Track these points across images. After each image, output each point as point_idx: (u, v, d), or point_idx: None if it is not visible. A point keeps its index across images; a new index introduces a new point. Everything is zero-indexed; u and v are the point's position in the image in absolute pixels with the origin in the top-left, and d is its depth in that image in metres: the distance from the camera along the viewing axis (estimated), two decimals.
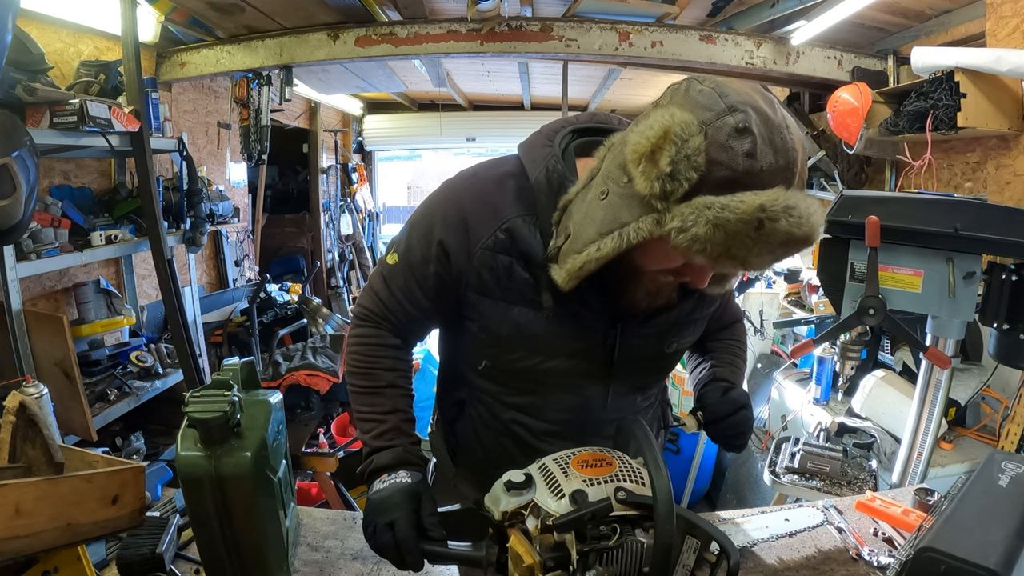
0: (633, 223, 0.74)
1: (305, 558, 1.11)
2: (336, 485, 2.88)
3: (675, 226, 0.69)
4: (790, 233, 0.66)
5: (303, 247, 5.97)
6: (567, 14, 3.20)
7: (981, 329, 2.18)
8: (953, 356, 1.52)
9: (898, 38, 3.18)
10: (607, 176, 0.79)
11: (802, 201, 0.67)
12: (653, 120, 0.71)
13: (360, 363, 1.02)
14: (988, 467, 0.95)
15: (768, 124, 0.68)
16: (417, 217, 0.99)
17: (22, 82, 2.01)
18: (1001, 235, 1.37)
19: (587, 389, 1.01)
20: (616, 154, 0.79)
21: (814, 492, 1.83)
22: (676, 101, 0.72)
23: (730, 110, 0.68)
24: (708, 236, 0.67)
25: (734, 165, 0.67)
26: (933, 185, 2.75)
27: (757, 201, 0.65)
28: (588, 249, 0.79)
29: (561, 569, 0.75)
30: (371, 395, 1.00)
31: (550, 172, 0.89)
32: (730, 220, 0.66)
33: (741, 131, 0.67)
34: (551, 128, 0.96)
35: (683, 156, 0.68)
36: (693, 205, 0.68)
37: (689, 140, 0.67)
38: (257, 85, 3.55)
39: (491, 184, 0.94)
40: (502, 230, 0.90)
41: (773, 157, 0.68)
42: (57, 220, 2.33)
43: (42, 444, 0.89)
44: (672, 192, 0.69)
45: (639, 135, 0.72)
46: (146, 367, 2.73)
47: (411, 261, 0.96)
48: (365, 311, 1.03)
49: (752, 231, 0.66)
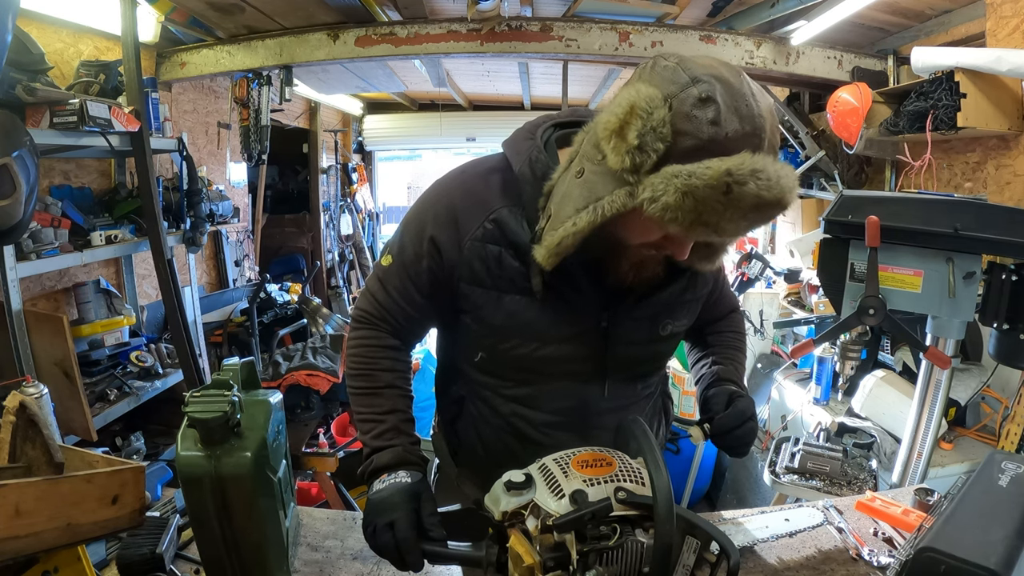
0: (607, 196, 0.76)
1: (305, 558, 1.11)
2: (336, 485, 2.88)
3: (646, 196, 0.71)
4: (759, 196, 0.68)
5: (303, 247, 5.97)
6: (567, 14, 3.20)
7: (981, 329, 2.18)
8: (953, 356, 1.52)
9: (898, 38, 3.18)
10: (583, 156, 0.82)
11: (770, 165, 0.68)
12: (621, 98, 0.74)
13: (359, 364, 1.03)
14: (988, 467, 0.95)
15: (732, 92, 0.70)
16: (409, 217, 1.01)
17: (22, 82, 2.01)
18: (1001, 235, 1.37)
19: (584, 376, 1.01)
20: (591, 135, 0.82)
21: (814, 492, 1.83)
22: (643, 78, 0.74)
23: (693, 81, 0.70)
24: (678, 204, 0.69)
25: (699, 133, 0.69)
26: (933, 185, 2.75)
27: (723, 166, 0.67)
28: (565, 224, 0.81)
29: (561, 569, 0.75)
30: (370, 396, 1.01)
31: (533, 162, 0.92)
32: (698, 186, 0.67)
33: (704, 100, 0.69)
34: (532, 124, 1.00)
35: (649, 128, 0.70)
36: (662, 175, 0.70)
37: (654, 112, 0.70)
38: (257, 85, 3.55)
39: (478, 179, 0.97)
40: (490, 220, 0.92)
41: (739, 123, 0.69)
42: (57, 220, 2.33)
43: (42, 444, 0.89)
44: (641, 164, 0.71)
45: (608, 113, 0.74)
46: (146, 367, 2.73)
47: (404, 260, 0.98)
48: (363, 313, 1.05)
49: (721, 196, 0.67)
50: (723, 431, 1.00)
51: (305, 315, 4.18)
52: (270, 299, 4.03)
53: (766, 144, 0.72)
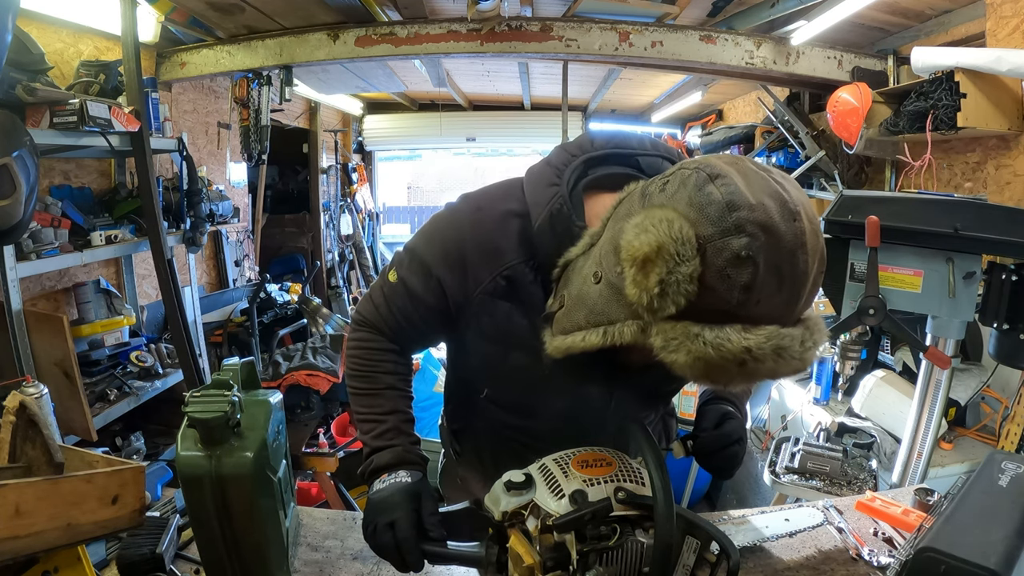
0: (619, 324, 0.69)
1: (305, 558, 1.11)
2: (336, 485, 2.88)
3: (657, 344, 0.64)
4: (775, 372, 0.62)
5: (303, 247, 5.97)
6: (567, 14, 3.20)
7: (981, 329, 2.18)
8: (953, 356, 1.52)
9: (898, 38, 3.18)
10: (603, 255, 0.72)
11: (797, 341, 0.62)
12: (651, 221, 0.62)
13: (360, 366, 1.01)
14: (988, 467, 0.95)
15: (777, 248, 0.60)
16: (420, 243, 0.95)
17: (22, 82, 2.01)
18: (1001, 235, 1.37)
19: (586, 417, 1.02)
20: (615, 231, 0.70)
21: (814, 492, 1.83)
22: (680, 198, 0.63)
23: (736, 230, 0.59)
24: (688, 364, 0.62)
25: (728, 297, 0.60)
26: (933, 185, 2.75)
27: (744, 344, 0.60)
28: (574, 336, 0.75)
29: (561, 569, 0.75)
30: (371, 396, 1.00)
31: (554, 216, 0.83)
32: (712, 356, 0.60)
33: (743, 260, 0.59)
34: (561, 159, 0.88)
35: (674, 280, 0.60)
36: (678, 330, 0.62)
37: (683, 265, 0.60)
38: (257, 85, 3.55)
39: (494, 223, 0.88)
40: (503, 276, 0.87)
41: (775, 289, 0.61)
42: (57, 220, 2.33)
43: (42, 444, 0.89)
44: (659, 309, 0.62)
45: (634, 235, 0.63)
46: (146, 367, 2.73)
47: (409, 290, 0.94)
48: (364, 318, 1.02)
49: (735, 367, 0.61)
50: (705, 452, 0.96)
51: (305, 315, 4.18)
52: (270, 299, 4.03)
53: (800, 306, 0.64)
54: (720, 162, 0.64)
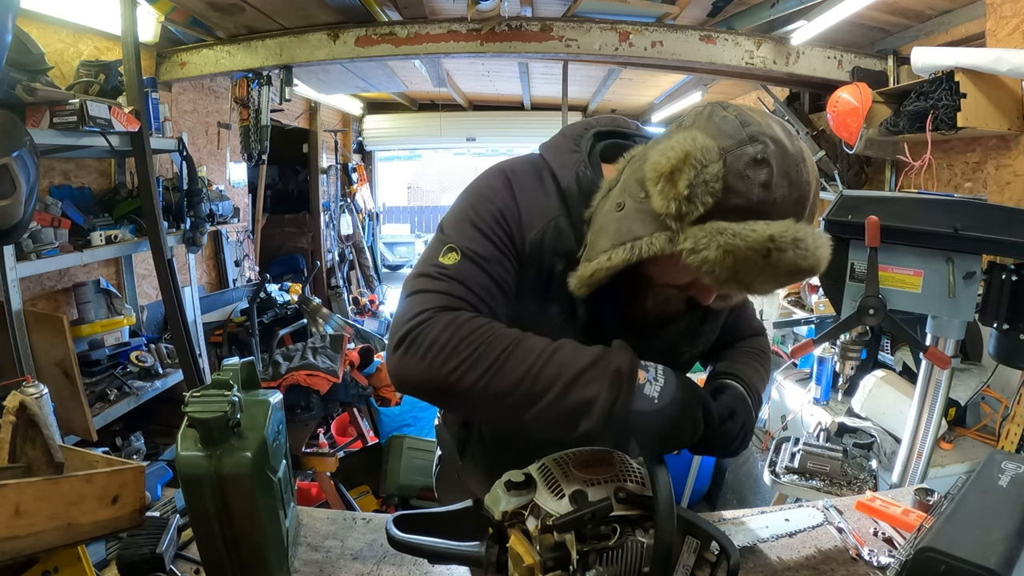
0: (646, 237, 0.75)
1: (305, 558, 1.11)
2: (336, 485, 2.88)
3: (687, 247, 0.71)
4: (796, 264, 0.69)
5: (303, 247, 5.98)
6: (567, 14, 3.20)
7: (981, 329, 2.18)
8: (953, 356, 1.52)
9: (898, 38, 3.18)
10: (624, 188, 0.80)
11: (810, 235, 0.70)
12: (675, 141, 0.72)
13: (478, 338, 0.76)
14: (988, 467, 0.95)
15: (785, 157, 0.70)
16: (467, 213, 0.88)
17: (22, 82, 2.01)
18: (1001, 235, 1.37)
19: None
20: (635, 169, 0.80)
21: (814, 492, 1.83)
22: (699, 125, 0.73)
23: (750, 140, 0.70)
24: (718, 260, 0.69)
25: (749, 194, 0.69)
26: (933, 185, 2.75)
27: (768, 231, 0.67)
28: (599, 258, 0.79)
29: (561, 569, 0.75)
30: (521, 348, 0.76)
31: (580, 178, 0.89)
32: (740, 247, 0.68)
33: (759, 161, 0.69)
34: (575, 131, 0.96)
35: (701, 180, 0.69)
36: (706, 229, 0.69)
37: (709, 166, 0.69)
38: (257, 85, 3.56)
39: (535, 181, 0.92)
40: (552, 227, 0.88)
41: (787, 189, 0.70)
42: (57, 220, 2.33)
43: (42, 444, 0.89)
44: (687, 214, 0.71)
45: (660, 154, 0.73)
46: (146, 367, 2.73)
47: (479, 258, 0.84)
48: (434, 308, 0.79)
49: (760, 259, 0.68)
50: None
51: (305, 315, 4.18)
52: (270, 299, 4.03)
53: (808, 211, 0.73)
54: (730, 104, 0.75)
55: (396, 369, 0.78)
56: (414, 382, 0.78)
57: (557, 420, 0.74)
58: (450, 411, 1.14)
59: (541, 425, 0.75)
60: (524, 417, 0.74)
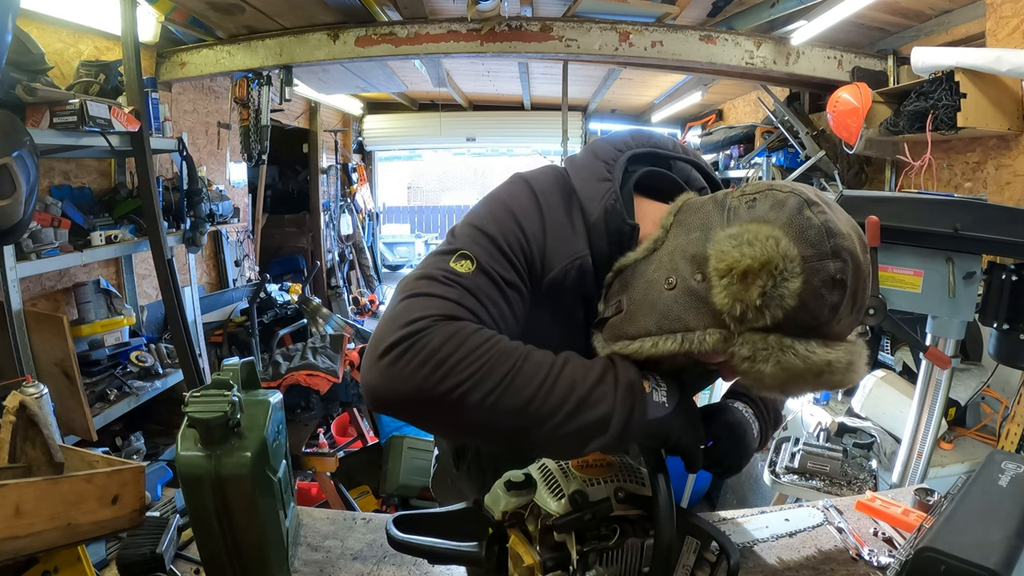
0: (699, 332, 0.69)
1: (305, 558, 1.11)
2: (336, 485, 2.88)
3: (743, 354, 0.67)
4: (841, 383, 0.68)
5: (303, 247, 5.98)
6: (567, 14, 3.21)
7: (981, 329, 2.18)
8: (953, 356, 1.52)
9: (898, 38, 3.18)
10: (675, 264, 0.73)
11: (859, 356, 0.69)
12: (753, 235, 0.66)
13: (480, 357, 0.69)
14: (988, 467, 0.95)
15: (858, 275, 0.66)
16: (490, 227, 0.80)
17: (22, 82, 2.01)
18: (1001, 235, 1.37)
19: None
20: (691, 240, 0.72)
21: (814, 492, 1.83)
22: (780, 221, 0.67)
23: (833, 255, 0.65)
24: (772, 374, 0.66)
25: (818, 314, 0.65)
26: (933, 185, 2.75)
27: (828, 358, 0.66)
28: (643, 341, 0.73)
29: (561, 569, 0.75)
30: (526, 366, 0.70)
31: (608, 213, 0.81)
32: (798, 367, 0.65)
33: (837, 282, 0.65)
34: (607, 155, 0.86)
35: (778, 294, 0.64)
36: (768, 341, 0.66)
37: (790, 281, 0.64)
38: (257, 85, 3.56)
39: (563, 212, 0.83)
40: (574, 267, 0.80)
41: (851, 313, 0.68)
42: (57, 220, 2.33)
43: (42, 444, 0.89)
44: (752, 320, 0.66)
45: (734, 246, 0.66)
46: (146, 367, 2.73)
47: (494, 277, 0.78)
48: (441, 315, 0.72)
49: (812, 378, 0.66)
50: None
51: (305, 315, 4.18)
52: (270, 299, 4.03)
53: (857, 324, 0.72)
54: (808, 191, 0.70)
55: (379, 379, 0.67)
56: (400, 397, 0.68)
57: (566, 439, 0.69)
58: (432, 431, 0.98)
59: (548, 445, 0.71)
60: (528, 439, 0.70)
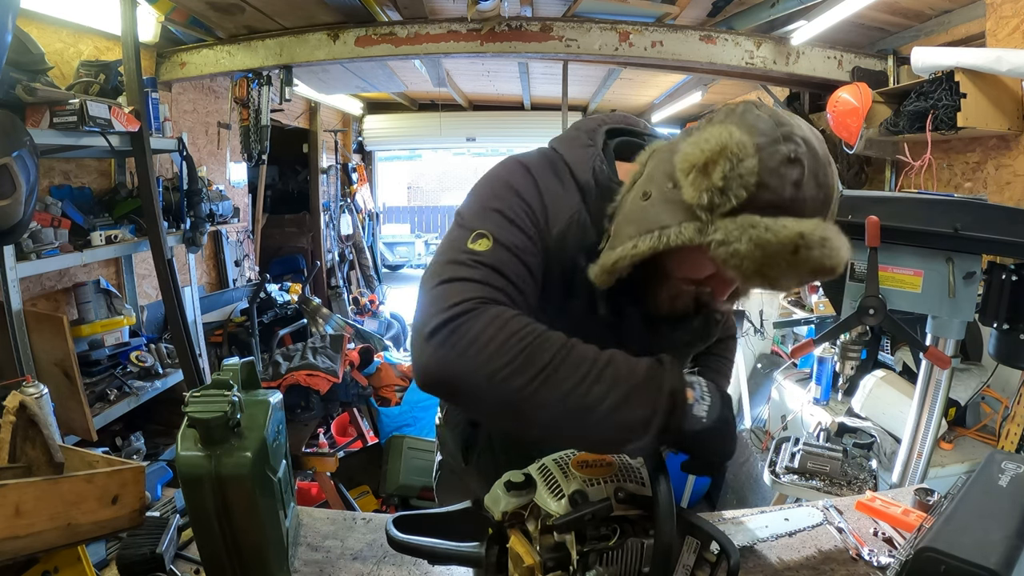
0: (674, 226, 0.75)
1: (305, 558, 1.11)
2: (336, 485, 2.88)
3: (717, 238, 0.71)
4: (820, 263, 0.70)
5: (303, 247, 5.98)
6: (567, 14, 3.21)
7: (981, 329, 2.18)
8: (953, 356, 1.52)
9: (898, 38, 3.18)
10: (650, 179, 0.81)
11: (835, 235, 0.72)
12: (709, 134, 0.73)
13: (525, 338, 0.71)
14: (988, 467, 0.95)
15: (816, 158, 0.72)
16: (492, 202, 0.85)
17: (22, 82, 2.01)
18: (1001, 235, 1.37)
19: None
20: (661, 160, 0.81)
21: (814, 492, 1.83)
22: (732, 120, 0.74)
23: (784, 139, 0.71)
24: (747, 253, 0.69)
25: (781, 191, 0.70)
26: (933, 185, 2.75)
27: (798, 228, 0.69)
28: (624, 245, 0.79)
29: (561, 569, 0.75)
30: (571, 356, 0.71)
31: (597, 172, 0.90)
32: (771, 242, 0.68)
33: (792, 160, 0.70)
34: (587, 126, 0.97)
35: (736, 174, 0.70)
36: (738, 222, 0.70)
37: (744, 160, 0.70)
38: (257, 85, 3.56)
39: (555, 173, 0.91)
40: (575, 222, 0.87)
41: (816, 190, 0.72)
42: (57, 220, 2.33)
43: (42, 444, 0.89)
44: (719, 206, 0.71)
45: (693, 146, 0.73)
46: (146, 367, 2.73)
47: (512, 247, 0.81)
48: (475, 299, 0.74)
49: (788, 255, 0.69)
50: None
51: (305, 315, 4.19)
52: (270, 299, 4.03)
53: (831, 212, 0.76)
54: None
55: (430, 360, 0.71)
56: (449, 377, 0.71)
57: (605, 433, 0.70)
58: (474, 414, 1.07)
59: (585, 437, 0.71)
60: (566, 431, 0.70)
